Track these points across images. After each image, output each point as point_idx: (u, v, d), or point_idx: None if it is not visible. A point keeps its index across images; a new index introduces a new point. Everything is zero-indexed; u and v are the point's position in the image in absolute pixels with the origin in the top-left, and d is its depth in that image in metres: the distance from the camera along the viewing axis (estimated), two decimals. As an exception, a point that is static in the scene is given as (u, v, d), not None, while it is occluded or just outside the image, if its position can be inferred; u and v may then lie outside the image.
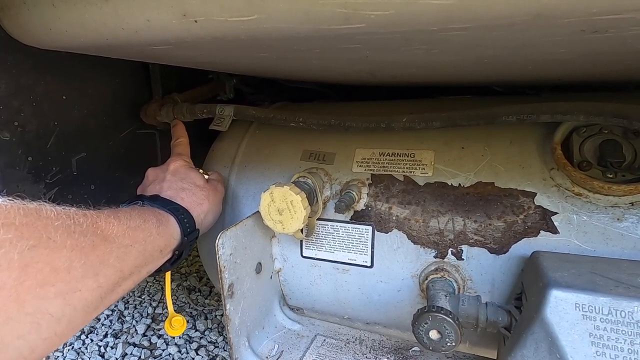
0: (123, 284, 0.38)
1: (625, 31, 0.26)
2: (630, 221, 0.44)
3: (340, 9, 0.25)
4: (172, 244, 0.48)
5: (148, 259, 0.42)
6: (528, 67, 0.42)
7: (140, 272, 0.42)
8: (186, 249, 0.51)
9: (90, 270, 0.32)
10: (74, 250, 0.30)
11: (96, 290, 0.33)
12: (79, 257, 0.31)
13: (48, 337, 0.28)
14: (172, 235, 0.48)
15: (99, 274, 0.33)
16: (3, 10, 0.40)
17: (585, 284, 0.36)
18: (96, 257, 0.33)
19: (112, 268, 0.35)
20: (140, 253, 0.40)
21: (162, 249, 0.46)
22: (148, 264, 0.43)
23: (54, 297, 0.28)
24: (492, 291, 0.50)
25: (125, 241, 0.38)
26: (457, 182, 0.53)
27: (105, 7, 0.35)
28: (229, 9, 0.30)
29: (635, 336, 0.32)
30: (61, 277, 0.29)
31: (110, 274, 0.35)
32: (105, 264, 0.34)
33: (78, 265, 0.30)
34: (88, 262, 0.32)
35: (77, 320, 0.31)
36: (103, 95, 0.67)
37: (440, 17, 0.24)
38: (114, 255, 0.35)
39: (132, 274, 0.39)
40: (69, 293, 0.29)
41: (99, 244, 0.34)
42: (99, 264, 0.33)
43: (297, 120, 0.60)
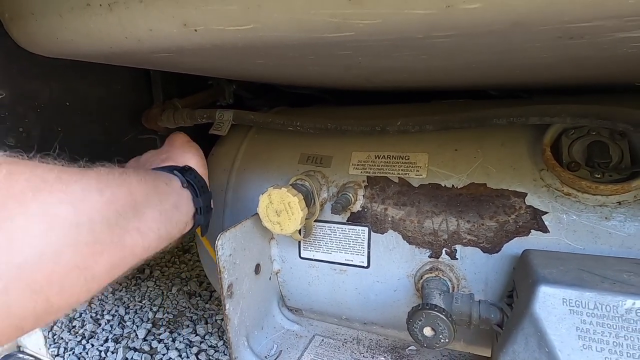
0: (145, 209, 0.37)
1: (601, 37, 0.27)
2: (618, 220, 0.45)
3: (331, 18, 0.27)
4: (173, 180, 0.45)
5: (157, 188, 0.41)
6: (515, 71, 0.44)
7: (163, 202, 0.40)
8: (193, 179, 0.48)
9: (90, 185, 0.32)
10: (61, 170, 0.31)
11: (109, 205, 0.32)
12: (69, 174, 0.31)
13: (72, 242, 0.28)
14: (163, 174, 0.46)
15: (104, 190, 0.32)
16: (12, 20, 0.42)
17: (573, 280, 0.37)
18: (91, 176, 0.33)
19: (115, 187, 0.34)
20: (141, 181, 0.38)
21: (166, 182, 0.44)
22: (165, 195, 0.42)
23: (60, 204, 0.28)
24: (485, 289, 0.51)
25: (115, 172, 0.37)
26: (450, 183, 0.54)
27: (110, 17, 0.36)
28: (226, 18, 0.31)
29: (619, 329, 0.33)
30: (57, 188, 0.29)
31: (117, 192, 0.34)
32: (106, 183, 0.34)
33: (73, 180, 0.31)
34: (84, 179, 0.32)
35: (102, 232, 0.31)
36: (105, 101, 0.69)
37: (424, 26, 0.26)
38: (111, 177, 0.35)
39: (147, 200, 0.38)
40: (76, 203, 0.29)
41: (86, 170, 0.33)
42: (97, 182, 0.33)
43: (295, 125, 0.62)
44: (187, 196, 0.46)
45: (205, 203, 0.49)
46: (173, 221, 0.42)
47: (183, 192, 0.46)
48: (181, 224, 0.44)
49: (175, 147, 0.55)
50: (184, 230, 0.46)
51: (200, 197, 0.48)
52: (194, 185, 0.47)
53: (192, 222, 0.48)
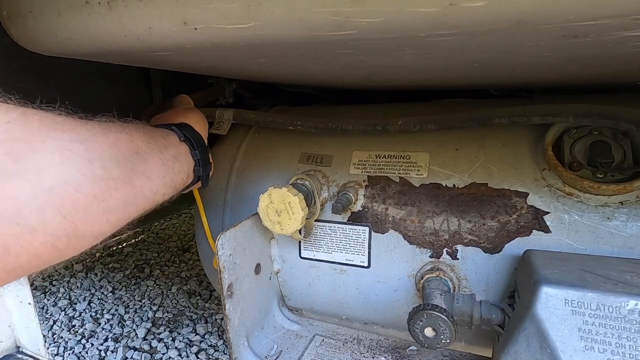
0: (146, 156, 0.38)
1: (605, 36, 0.27)
2: (620, 220, 0.45)
3: (332, 16, 0.27)
4: (171, 134, 0.47)
5: (156, 139, 0.42)
6: (517, 70, 0.43)
7: (163, 152, 0.42)
8: (190, 133, 0.49)
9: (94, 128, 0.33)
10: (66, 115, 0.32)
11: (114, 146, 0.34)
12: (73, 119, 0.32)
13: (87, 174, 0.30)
14: (160, 129, 0.47)
15: (108, 134, 0.34)
16: (10, 18, 0.42)
17: (575, 280, 0.37)
18: (94, 122, 0.34)
19: (119, 133, 0.36)
20: (140, 131, 0.40)
21: (164, 136, 0.45)
22: (165, 147, 0.43)
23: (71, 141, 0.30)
24: (486, 290, 0.51)
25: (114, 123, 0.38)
26: (451, 183, 0.54)
27: (109, 16, 0.36)
28: (227, 16, 0.31)
29: (622, 330, 0.33)
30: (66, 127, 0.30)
31: (120, 137, 0.36)
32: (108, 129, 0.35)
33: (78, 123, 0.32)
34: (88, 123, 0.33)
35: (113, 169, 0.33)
36: (104, 100, 0.69)
37: (427, 24, 0.25)
38: (112, 124, 0.36)
39: (150, 147, 0.40)
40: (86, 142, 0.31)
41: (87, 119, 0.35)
42: (100, 127, 0.34)
43: (295, 124, 0.62)
44: (185, 149, 0.48)
45: (203, 156, 0.51)
46: (175, 170, 0.44)
47: (181, 145, 0.47)
48: (183, 174, 0.46)
49: (177, 110, 0.58)
50: (187, 182, 0.48)
51: (197, 150, 0.50)
52: (191, 140, 0.49)
53: (193, 174, 0.50)
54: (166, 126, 0.49)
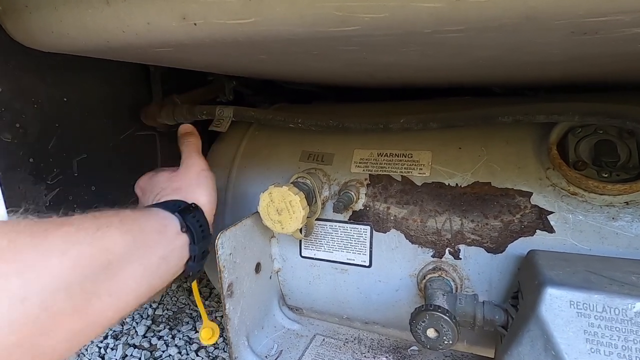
0: (123, 267, 0.34)
1: (614, 32, 0.26)
2: (625, 220, 0.44)
3: (335, 11, 0.26)
4: (170, 225, 0.42)
5: (145, 240, 0.37)
6: (523, 68, 0.43)
7: (148, 255, 0.37)
8: (194, 226, 0.44)
9: (50, 248, 0.29)
10: (19, 233, 0.28)
11: (72, 269, 0.29)
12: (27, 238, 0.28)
13: (15, 319, 0.25)
14: (162, 217, 0.42)
15: (69, 251, 0.29)
16: (6, 13, 0.41)
17: (580, 282, 0.36)
18: (56, 237, 0.30)
19: (88, 246, 0.31)
20: (125, 232, 0.35)
21: (159, 229, 0.40)
22: (153, 247, 0.38)
23: (6, 276, 0.26)
24: (489, 290, 0.51)
25: (97, 222, 0.34)
26: (454, 182, 0.53)
27: (107, 10, 0.35)
28: (227, 11, 0.30)
29: (628, 333, 0.33)
30: (7, 256, 0.26)
31: (87, 251, 0.31)
32: (74, 242, 0.30)
33: (30, 244, 0.28)
34: (45, 241, 0.29)
35: (59, 304, 0.28)
36: (104, 97, 0.68)
37: (433, 20, 0.25)
38: (83, 234, 0.32)
39: (130, 254, 0.35)
40: (25, 271, 0.27)
41: (55, 228, 0.30)
42: (62, 242, 0.30)
43: (296, 122, 0.61)
44: (182, 243, 0.43)
45: (201, 250, 0.45)
46: (158, 275, 0.39)
47: (179, 238, 0.42)
48: (169, 275, 0.41)
49: (189, 176, 0.51)
50: (170, 280, 0.42)
51: (198, 245, 0.44)
52: (192, 231, 0.44)
53: (183, 269, 0.44)
54: (172, 207, 0.44)
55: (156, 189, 0.51)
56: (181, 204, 0.45)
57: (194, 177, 0.51)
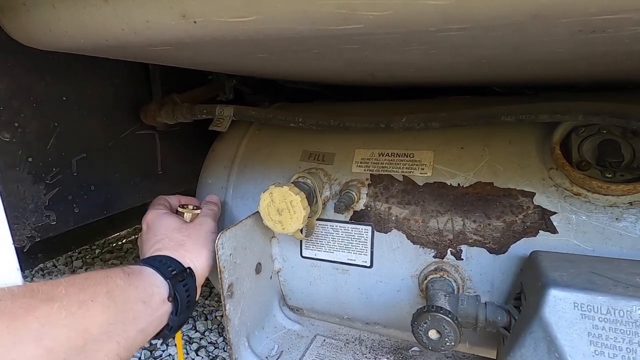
0: (98, 348, 0.34)
1: (623, 31, 0.26)
2: (629, 221, 0.44)
3: (338, 9, 0.26)
4: (157, 293, 0.42)
5: (127, 313, 0.37)
6: (527, 67, 0.42)
7: (127, 330, 0.37)
8: (181, 293, 0.44)
9: (26, 334, 0.29)
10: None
11: (45, 356, 0.29)
12: (5, 322, 0.28)
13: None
14: (151, 283, 0.42)
15: (44, 337, 0.29)
16: (3, 11, 0.40)
17: (584, 283, 0.36)
18: (35, 319, 0.29)
19: (65, 328, 0.31)
20: (108, 307, 0.35)
21: (145, 299, 0.40)
22: (134, 321, 0.38)
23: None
24: (491, 291, 0.50)
25: (82, 297, 0.34)
26: (456, 182, 0.53)
27: (105, 8, 0.35)
28: (227, 9, 0.30)
29: (633, 335, 0.32)
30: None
31: (63, 335, 0.31)
32: (52, 325, 0.30)
33: (6, 331, 0.28)
34: (22, 326, 0.29)
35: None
36: (103, 96, 0.67)
37: (438, 18, 0.24)
38: (64, 314, 0.31)
39: (107, 332, 0.35)
40: None
41: (37, 305, 0.30)
42: (40, 327, 0.29)
43: (297, 121, 0.61)
44: (164, 312, 0.43)
45: (180, 322, 0.45)
46: (133, 346, 0.38)
47: (162, 307, 0.42)
48: (142, 344, 0.41)
49: (199, 235, 0.52)
50: (143, 345, 0.42)
51: (179, 316, 0.44)
52: (178, 301, 0.44)
53: (156, 335, 0.44)
54: (165, 269, 0.44)
55: (161, 233, 0.51)
56: (176, 268, 0.45)
57: (203, 237, 0.52)
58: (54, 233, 0.60)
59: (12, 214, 0.54)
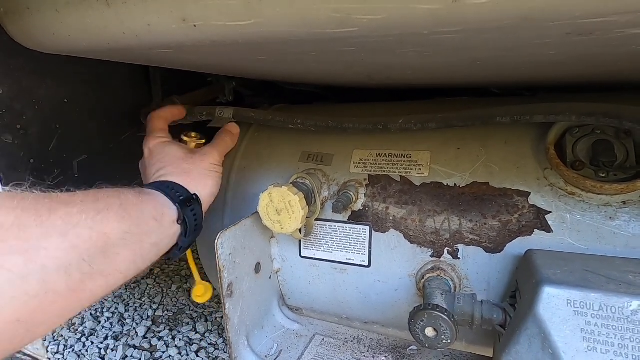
0: (117, 251, 0.35)
1: (611, 34, 0.27)
2: (623, 219, 0.45)
3: (334, 13, 0.26)
4: (167, 214, 0.43)
5: (141, 226, 0.38)
6: (521, 68, 0.43)
7: (141, 242, 0.38)
8: (189, 217, 0.45)
9: (52, 229, 0.29)
10: (24, 210, 0.28)
11: (71, 250, 0.30)
12: (32, 216, 0.29)
13: (16, 295, 0.26)
14: (162, 204, 0.43)
15: (69, 233, 0.30)
16: (7, 15, 0.41)
17: (577, 280, 0.37)
18: (58, 217, 0.30)
19: (87, 229, 0.32)
20: (124, 218, 0.36)
21: (156, 217, 0.41)
22: (147, 234, 0.39)
23: (9, 253, 0.26)
24: (487, 289, 0.51)
25: (98, 206, 0.34)
26: (453, 182, 0.54)
27: (107, 12, 0.36)
28: (227, 13, 0.31)
29: (625, 331, 0.33)
30: (11, 234, 0.27)
31: (86, 234, 0.32)
32: (74, 224, 0.31)
33: (33, 224, 0.28)
34: (48, 221, 0.29)
35: (57, 283, 0.29)
36: (104, 98, 0.68)
37: (430, 21, 0.25)
38: (84, 217, 0.32)
39: (124, 239, 0.36)
40: (29, 250, 0.27)
41: (58, 207, 0.31)
42: (64, 224, 0.30)
43: (296, 122, 0.61)
44: (173, 233, 0.44)
45: (189, 242, 0.47)
46: (147, 259, 0.40)
47: (173, 227, 0.44)
48: (155, 259, 0.42)
49: (203, 165, 0.53)
50: (155, 260, 0.43)
51: (188, 238, 0.46)
52: (187, 224, 0.45)
53: (166, 253, 0.45)
54: (173, 194, 0.45)
55: (165, 161, 0.52)
56: (183, 194, 0.46)
57: (207, 168, 0.53)
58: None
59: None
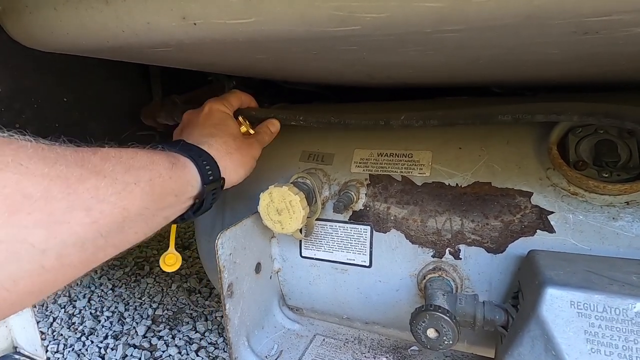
0: (132, 226, 0.35)
1: (616, 32, 0.26)
2: (626, 220, 0.44)
3: (335, 11, 0.26)
4: (189, 191, 0.43)
5: (160, 202, 0.38)
6: (523, 67, 0.43)
7: (155, 215, 0.38)
8: (208, 198, 0.45)
9: (78, 202, 0.29)
10: (53, 180, 0.28)
11: (91, 225, 0.30)
12: (60, 187, 0.28)
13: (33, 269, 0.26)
14: (188, 181, 0.43)
15: (93, 208, 0.30)
16: (5, 13, 0.41)
17: (581, 282, 0.36)
18: (86, 189, 0.30)
19: (110, 205, 0.32)
20: (147, 194, 0.36)
21: (178, 193, 0.41)
22: (163, 209, 0.39)
23: (33, 227, 0.26)
24: (489, 290, 0.51)
25: (127, 178, 0.34)
26: (454, 182, 0.53)
27: (106, 10, 0.35)
28: (227, 11, 0.30)
29: (629, 333, 0.33)
30: (38, 206, 0.26)
31: (108, 210, 0.31)
32: (99, 199, 0.31)
33: (60, 196, 0.28)
34: (74, 194, 0.29)
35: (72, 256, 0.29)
36: (103, 97, 0.68)
37: (433, 20, 0.25)
38: (111, 191, 0.32)
39: (141, 214, 0.36)
40: (52, 224, 0.27)
41: (88, 177, 0.31)
42: (90, 198, 0.30)
43: (297, 119, 0.61)
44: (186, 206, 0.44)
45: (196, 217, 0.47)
46: (156, 228, 0.40)
47: (188, 202, 0.44)
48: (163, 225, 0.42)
49: (248, 152, 0.53)
50: None
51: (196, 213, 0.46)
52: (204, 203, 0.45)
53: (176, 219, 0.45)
54: (206, 170, 0.44)
55: (219, 130, 0.51)
56: (215, 175, 0.46)
57: (248, 157, 0.53)
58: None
59: None
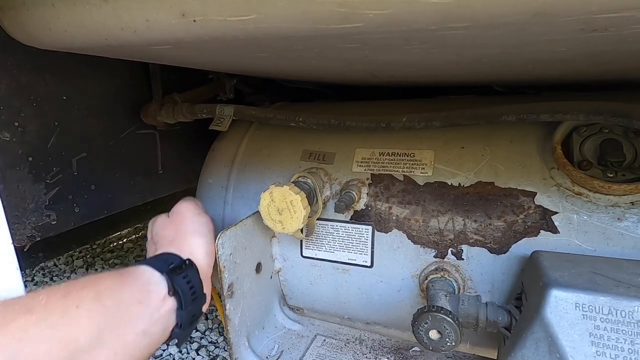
0: (91, 356, 0.32)
1: (625, 29, 0.26)
2: (631, 220, 0.44)
3: (338, 8, 0.25)
4: (155, 290, 0.39)
5: (122, 316, 0.35)
6: (528, 66, 0.42)
7: (124, 334, 0.35)
8: (182, 285, 0.41)
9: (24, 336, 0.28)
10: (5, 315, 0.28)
11: None
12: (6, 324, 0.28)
13: None
14: (147, 280, 0.39)
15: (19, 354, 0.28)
16: (3, 10, 0.40)
17: (586, 283, 0.36)
18: (9, 333, 0.29)
19: (44, 342, 0.30)
20: (98, 312, 0.33)
21: (141, 299, 0.37)
22: (131, 322, 0.36)
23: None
24: (492, 291, 0.50)
25: (67, 302, 0.32)
26: (457, 181, 0.53)
27: (105, 7, 0.35)
28: (227, 8, 0.30)
29: (635, 336, 0.32)
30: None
31: (41, 349, 0.29)
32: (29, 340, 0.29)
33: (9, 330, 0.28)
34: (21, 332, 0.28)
35: None
36: (103, 95, 0.67)
37: (439, 17, 0.24)
38: (43, 326, 0.30)
39: (99, 340, 0.33)
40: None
41: (13, 319, 0.29)
42: (15, 342, 0.28)
43: (297, 120, 0.60)
44: (167, 309, 0.39)
45: (190, 315, 0.42)
46: (138, 350, 0.36)
47: (165, 304, 0.39)
48: (152, 348, 0.38)
49: (183, 224, 0.48)
50: (155, 350, 0.40)
51: (185, 310, 0.41)
52: (180, 295, 0.40)
53: (169, 337, 0.41)
54: (160, 264, 0.41)
55: (155, 239, 0.49)
56: (173, 261, 0.43)
57: (188, 225, 0.48)
58: (54, 232, 0.60)
59: (12, 214, 0.54)
